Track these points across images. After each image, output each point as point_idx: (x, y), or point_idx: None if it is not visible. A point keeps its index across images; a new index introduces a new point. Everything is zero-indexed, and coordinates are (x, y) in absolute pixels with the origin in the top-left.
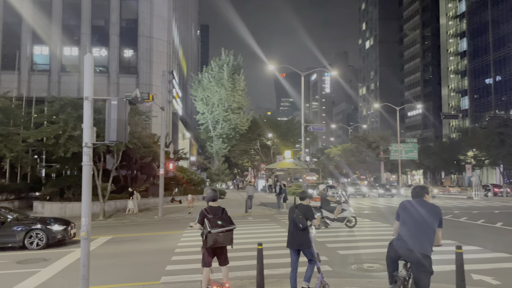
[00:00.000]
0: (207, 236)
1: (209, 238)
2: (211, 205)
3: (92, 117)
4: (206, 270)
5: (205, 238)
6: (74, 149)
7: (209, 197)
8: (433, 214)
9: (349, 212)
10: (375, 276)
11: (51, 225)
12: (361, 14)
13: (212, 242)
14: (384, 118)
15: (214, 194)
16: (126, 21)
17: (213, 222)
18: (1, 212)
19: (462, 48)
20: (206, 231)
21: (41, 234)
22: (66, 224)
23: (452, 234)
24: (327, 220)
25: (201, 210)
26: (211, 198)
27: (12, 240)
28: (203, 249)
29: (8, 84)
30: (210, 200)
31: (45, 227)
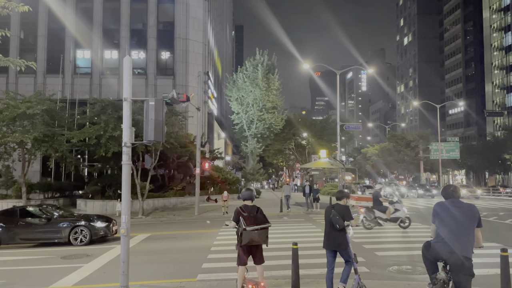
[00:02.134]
0: (242, 233)
1: (244, 235)
2: (247, 203)
3: (130, 118)
4: (241, 268)
5: (240, 235)
6: (114, 148)
7: (245, 195)
8: (472, 214)
9: (402, 213)
10: (414, 279)
11: (94, 222)
12: (399, 9)
13: (248, 240)
14: (423, 116)
15: (249, 193)
16: (163, 24)
17: (248, 220)
18: (48, 209)
19: (507, 43)
20: (241, 228)
21: (85, 231)
22: (108, 221)
23: (497, 237)
24: (380, 221)
25: (236, 208)
26: (247, 196)
27: (58, 236)
28: (238, 247)
29: (53, 87)
30: (246, 199)
31: (89, 224)
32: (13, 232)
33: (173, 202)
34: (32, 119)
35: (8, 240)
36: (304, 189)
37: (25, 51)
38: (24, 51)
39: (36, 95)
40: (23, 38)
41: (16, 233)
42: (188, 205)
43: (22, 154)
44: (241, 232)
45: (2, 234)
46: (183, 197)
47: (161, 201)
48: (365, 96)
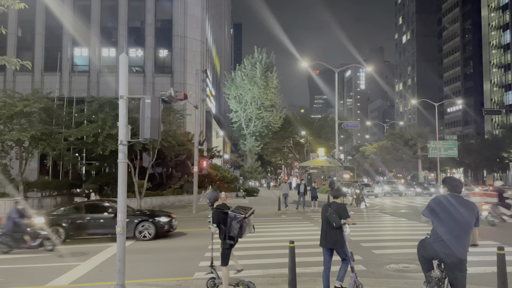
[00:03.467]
0: (242, 225)
1: (247, 224)
2: (219, 204)
3: (127, 116)
4: (227, 268)
5: (240, 228)
6: (112, 147)
7: (213, 198)
8: (472, 213)
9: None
10: (411, 277)
11: (159, 217)
12: (398, 7)
13: (248, 229)
14: (421, 114)
15: (216, 193)
16: (161, 22)
17: (237, 210)
18: (114, 206)
19: (505, 41)
20: (241, 217)
21: (151, 226)
22: (170, 217)
23: (494, 235)
24: (504, 217)
25: (214, 211)
26: (215, 198)
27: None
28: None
29: (51, 85)
30: (214, 201)
31: (154, 219)
32: (80, 226)
33: (171, 201)
34: (30, 117)
35: (75, 235)
36: (298, 188)
37: (22, 49)
38: (21, 49)
39: (33, 93)
40: (21, 36)
41: (83, 228)
42: (186, 204)
43: (19, 152)
44: (241, 223)
45: (69, 229)
46: (181, 195)
47: (159, 200)
48: (363, 95)
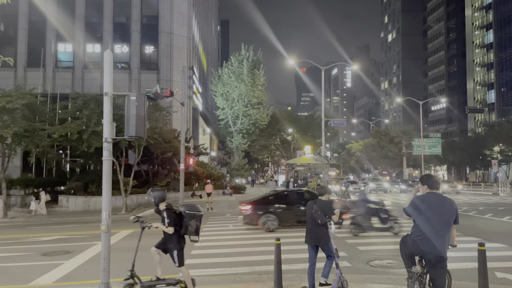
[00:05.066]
0: (198, 225)
1: (196, 221)
2: (166, 204)
3: (111, 113)
4: (186, 268)
5: (197, 226)
6: (97, 144)
7: (160, 197)
8: (452, 210)
9: None
10: (394, 273)
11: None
12: (384, 6)
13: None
14: (406, 112)
15: (163, 193)
16: (147, 18)
17: (192, 209)
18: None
19: (488, 40)
20: (200, 214)
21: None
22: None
23: (476, 231)
24: None
25: (168, 211)
26: (162, 198)
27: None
28: (181, 249)
29: (34, 81)
30: (160, 201)
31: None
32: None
33: None
34: (12, 114)
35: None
36: (287, 185)
37: (5, 44)
38: (4, 44)
39: (16, 89)
40: (3, 31)
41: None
42: (173, 201)
43: (2, 149)
44: (197, 222)
45: (282, 215)
46: (168, 193)
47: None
48: (349, 93)
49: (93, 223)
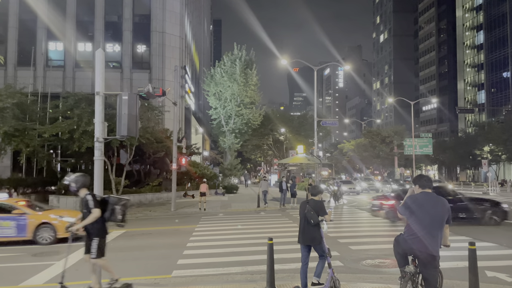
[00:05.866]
0: (124, 210)
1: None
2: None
3: (103, 112)
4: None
5: (123, 212)
6: (88, 143)
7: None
8: (445, 210)
9: None
10: (386, 272)
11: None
12: (375, 7)
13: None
14: (398, 112)
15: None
16: (139, 17)
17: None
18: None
19: (479, 41)
20: (126, 200)
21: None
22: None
23: (466, 230)
24: None
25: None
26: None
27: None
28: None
29: (24, 80)
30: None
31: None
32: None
33: (149, 198)
34: (2, 113)
35: None
36: (280, 185)
37: None
38: None
39: (6, 88)
40: None
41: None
42: (165, 201)
43: None
44: (123, 209)
45: None
46: (160, 192)
47: (136, 197)
48: (342, 93)
49: None
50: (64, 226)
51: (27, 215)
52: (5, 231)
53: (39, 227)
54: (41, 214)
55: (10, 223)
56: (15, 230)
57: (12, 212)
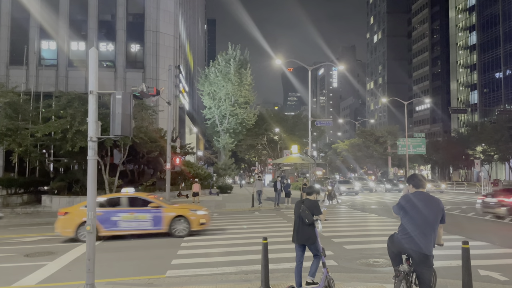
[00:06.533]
0: None
1: None
2: None
3: (96, 111)
4: None
5: None
6: (81, 143)
7: None
8: (438, 210)
9: None
10: (380, 271)
11: None
12: (369, 7)
13: None
14: (391, 112)
15: None
16: (133, 16)
17: None
18: None
19: (471, 42)
20: None
21: None
22: None
23: (460, 230)
24: None
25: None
26: None
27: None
28: None
29: (17, 79)
30: None
31: None
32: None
33: None
34: None
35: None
36: (275, 185)
37: None
38: None
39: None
40: None
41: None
42: None
43: None
44: None
45: None
46: (153, 192)
47: None
48: (336, 93)
49: None
50: (197, 220)
51: (162, 208)
52: (142, 223)
53: (174, 220)
54: (176, 207)
55: (146, 216)
56: (151, 223)
57: (148, 205)
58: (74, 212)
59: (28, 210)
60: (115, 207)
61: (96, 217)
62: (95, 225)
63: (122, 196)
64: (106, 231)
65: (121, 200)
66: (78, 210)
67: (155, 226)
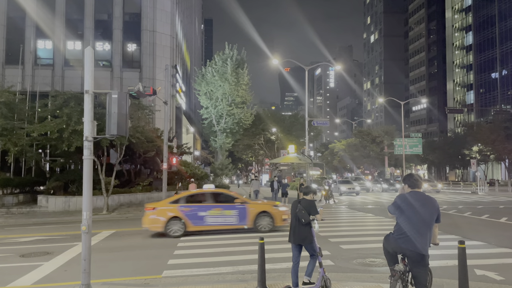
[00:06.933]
0: None
1: None
2: None
3: (92, 111)
4: None
5: None
6: (77, 143)
7: None
8: (434, 209)
9: None
10: (377, 271)
11: None
12: (366, 7)
13: None
14: (388, 112)
15: None
16: (129, 15)
17: None
18: None
19: (468, 42)
20: None
21: None
22: None
23: (456, 229)
24: None
25: None
26: None
27: None
28: None
29: (12, 79)
30: None
31: None
32: None
33: (139, 198)
34: None
35: None
36: (272, 185)
37: None
38: None
39: None
40: None
41: None
42: (155, 201)
43: None
44: None
45: None
46: (150, 192)
47: (127, 197)
48: (333, 93)
49: (74, 223)
50: (280, 215)
51: (247, 204)
52: (228, 219)
53: (259, 215)
54: (260, 203)
55: (232, 212)
56: (237, 219)
57: (234, 201)
58: (162, 208)
59: (24, 210)
60: (202, 203)
61: (184, 213)
62: (91, 225)
63: (208, 192)
64: (194, 227)
65: (206, 196)
66: (166, 205)
67: (240, 221)
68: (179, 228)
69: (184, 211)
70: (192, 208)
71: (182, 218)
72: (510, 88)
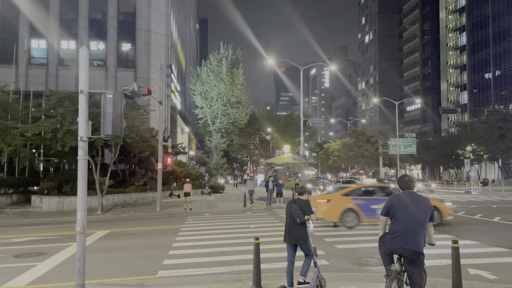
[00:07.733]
0: None
1: None
2: None
3: (87, 111)
4: None
5: None
6: (72, 143)
7: None
8: (427, 208)
9: None
10: (371, 271)
11: None
12: (361, 7)
13: None
14: (383, 112)
15: None
16: (124, 15)
17: None
18: None
19: (461, 43)
20: None
21: None
22: None
23: (449, 229)
24: None
25: None
26: None
27: None
28: None
29: (6, 78)
30: None
31: None
32: None
33: (134, 198)
34: None
35: None
36: (267, 185)
37: None
38: None
39: None
40: None
41: None
42: (150, 201)
43: None
44: None
45: None
46: (145, 192)
47: (121, 197)
48: (328, 93)
49: (68, 223)
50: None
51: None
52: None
53: None
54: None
55: None
56: None
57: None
58: (337, 200)
59: (17, 210)
60: (371, 196)
61: (358, 205)
62: (85, 225)
63: (377, 186)
64: (367, 219)
65: (375, 189)
66: (340, 198)
67: None
68: (353, 219)
69: (357, 203)
70: (364, 201)
71: (356, 210)
72: (503, 89)
